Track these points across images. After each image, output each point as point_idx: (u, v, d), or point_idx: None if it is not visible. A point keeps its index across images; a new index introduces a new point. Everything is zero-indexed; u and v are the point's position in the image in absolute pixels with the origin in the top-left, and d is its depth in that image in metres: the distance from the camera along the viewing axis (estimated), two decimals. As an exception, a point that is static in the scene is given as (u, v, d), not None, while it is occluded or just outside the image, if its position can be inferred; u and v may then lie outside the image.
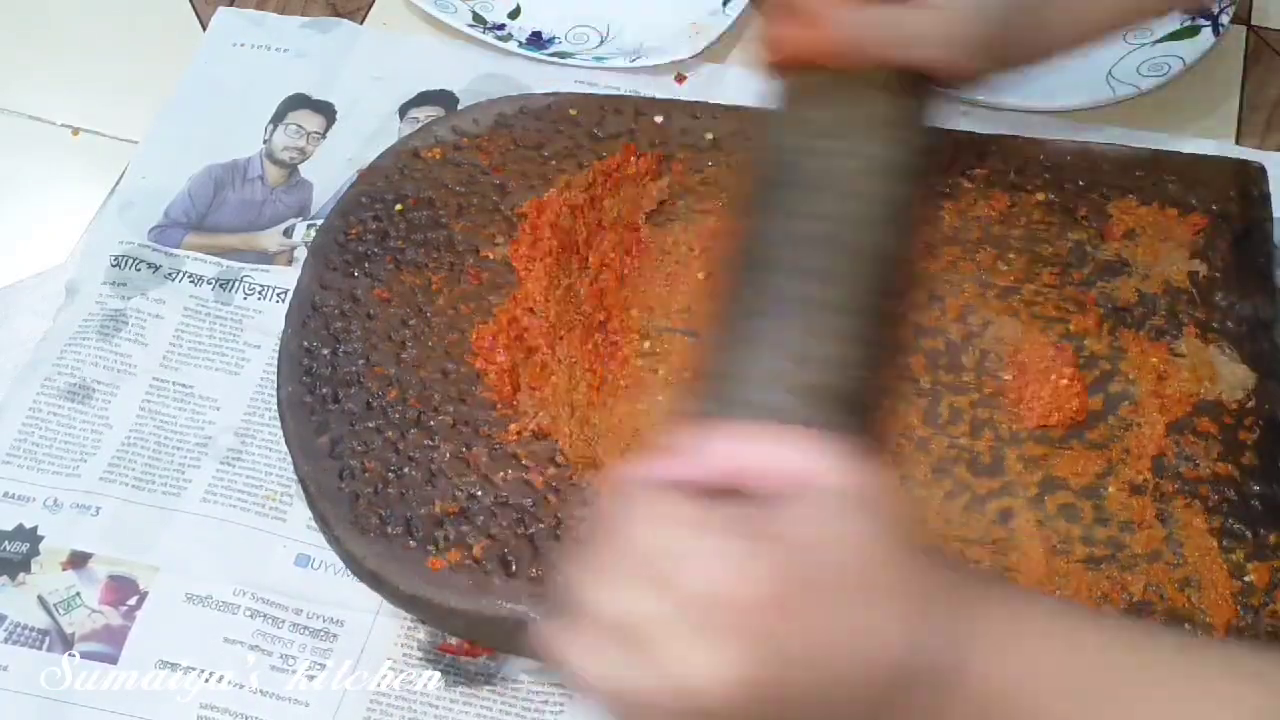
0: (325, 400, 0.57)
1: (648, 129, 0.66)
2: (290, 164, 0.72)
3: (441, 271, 0.61)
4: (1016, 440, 0.55)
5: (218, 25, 0.78)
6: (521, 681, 0.55)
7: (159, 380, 0.63)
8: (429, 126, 0.67)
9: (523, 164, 0.65)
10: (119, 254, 0.68)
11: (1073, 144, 0.65)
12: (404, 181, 0.64)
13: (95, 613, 0.57)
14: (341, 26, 0.78)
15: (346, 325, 0.59)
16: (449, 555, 0.52)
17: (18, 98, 0.76)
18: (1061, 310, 0.59)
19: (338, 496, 0.54)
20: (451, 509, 0.53)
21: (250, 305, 0.66)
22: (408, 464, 0.55)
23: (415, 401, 0.57)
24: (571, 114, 0.67)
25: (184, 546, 0.58)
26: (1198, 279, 0.59)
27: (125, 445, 0.61)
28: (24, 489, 0.60)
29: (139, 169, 0.72)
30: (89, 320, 0.65)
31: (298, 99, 0.74)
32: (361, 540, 0.53)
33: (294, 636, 0.56)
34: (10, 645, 0.56)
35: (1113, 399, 0.56)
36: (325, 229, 0.63)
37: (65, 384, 0.63)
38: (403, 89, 0.75)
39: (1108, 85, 0.71)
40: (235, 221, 0.70)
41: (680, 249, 0.62)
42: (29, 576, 0.58)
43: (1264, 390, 0.56)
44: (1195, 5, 0.69)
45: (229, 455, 0.61)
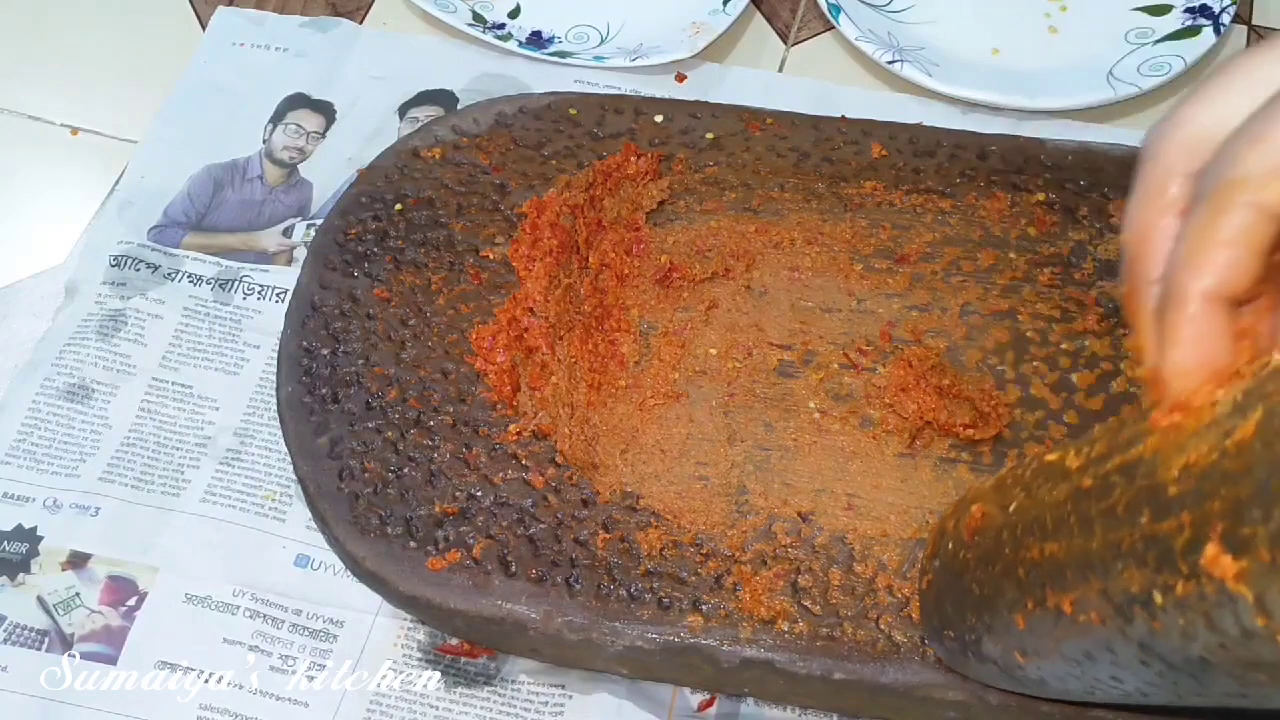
0: (324, 400, 0.57)
1: (648, 128, 0.66)
2: (290, 164, 0.72)
3: (441, 271, 0.61)
4: (1018, 441, 0.55)
5: (217, 25, 0.78)
6: (521, 682, 0.55)
7: (158, 380, 0.63)
8: (429, 126, 0.67)
9: (523, 164, 0.65)
10: (118, 254, 0.68)
11: (1073, 144, 0.65)
12: (404, 181, 0.64)
13: (95, 613, 0.57)
14: (341, 26, 0.78)
15: (346, 325, 0.59)
16: (449, 555, 0.52)
17: (17, 97, 0.76)
18: (1062, 310, 0.59)
19: (337, 497, 0.54)
20: (451, 509, 0.53)
21: (250, 305, 0.66)
22: (407, 464, 0.55)
23: (415, 401, 0.57)
24: (571, 113, 0.66)
25: (183, 547, 0.58)
26: (1199, 279, 0.59)
27: (124, 445, 0.61)
28: (23, 489, 0.60)
29: (138, 169, 0.72)
30: (88, 320, 0.65)
31: (297, 98, 0.74)
32: (361, 541, 0.53)
33: (293, 637, 0.56)
34: (10, 646, 0.56)
35: (1113, 399, 0.56)
36: (325, 229, 0.63)
37: (64, 384, 0.63)
38: (403, 88, 0.75)
39: (1109, 85, 0.71)
40: (234, 221, 0.70)
41: (680, 249, 0.62)
42: (28, 577, 0.58)
43: (1265, 390, 0.56)
44: None
45: (228, 455, 0.61)
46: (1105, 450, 0.35)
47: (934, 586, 0.46)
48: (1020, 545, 0.38)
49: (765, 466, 0.55)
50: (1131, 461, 0.32)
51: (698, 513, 0.54)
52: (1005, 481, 0.42)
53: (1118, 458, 0.33)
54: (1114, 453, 0.34)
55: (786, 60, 0.77)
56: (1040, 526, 0.37)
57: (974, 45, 0.75)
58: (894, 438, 0.56)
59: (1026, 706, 0.47)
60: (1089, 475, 0.35)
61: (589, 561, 0.52)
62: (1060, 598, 0.35)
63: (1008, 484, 0.41)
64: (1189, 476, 0.30)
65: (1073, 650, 0.36)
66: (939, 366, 0.57)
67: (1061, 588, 0.35)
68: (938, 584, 0.46)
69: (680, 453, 0.56)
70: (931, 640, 0.48)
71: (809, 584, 0.51)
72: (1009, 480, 0.42)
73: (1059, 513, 0.36)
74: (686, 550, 0.52)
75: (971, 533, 0.42)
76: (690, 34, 0.74)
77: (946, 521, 0.47)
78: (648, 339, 0.59)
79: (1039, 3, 0.78)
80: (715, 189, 0.64)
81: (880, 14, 0.77)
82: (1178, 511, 0.30)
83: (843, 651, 0.49)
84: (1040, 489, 0.38)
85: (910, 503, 0.54)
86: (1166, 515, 0.30)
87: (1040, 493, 0.38)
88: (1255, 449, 0.28)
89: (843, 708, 0.53)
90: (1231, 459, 0.28)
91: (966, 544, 0.43)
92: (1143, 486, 0.31)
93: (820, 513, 0.53)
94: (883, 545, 0.52)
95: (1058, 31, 0.76)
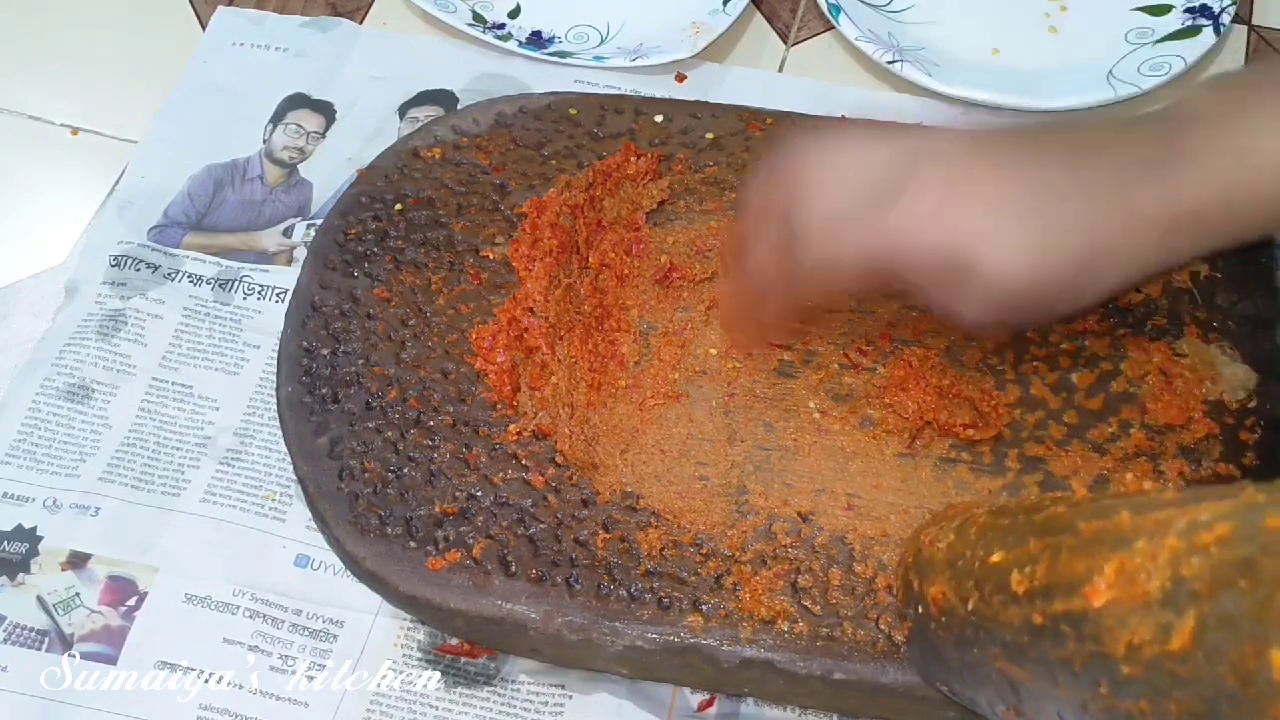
0: (324, 400, 0.57)
1: (648, 128, 0.66)
2: (290, 163, 0.72)
3: (441, 271, 0.61)
4: (1018, 441, 0.55)
5: (217, 25, 0.78)
6: (521, 682, 0.55)
7: (158, 380, 0.63)
8: (429, 126, 0.67)
9: (523, 164, 0.65)
10: (118, 254, 0.68)
11: (1073, 144, 0.65)
12: (404, 181, 0.64)
13: (94, 613, 0.57)
14: (341, 26, 0.78)
15: (346, 325, 0.59)
16: (449, 556, 0.52)
17: (17, 97, 0.76)
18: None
19: (337, 497, 0.54)
20: (451, 509, 0.53)
21: (250, 305, 0.66)
22: (407, 464, 0.55)
23: (415, 401, 0.57)
24: (571, 113, 0.66)
25: (183, 547, 0.58)
26: (1199, 279, 0.59)
27: (124, 445, 0.61)
28: (23, 489, 0.60)
29: (138, 169, 0.72)
30: (88, 320, 0.65)
31: (297, 98, 0.74)
32: (361, 541, 0.53)
33: (293, 637, 0.56)
34: (10, 646, 0.56)
35: (1113, 399, 0.56)
36: (325, 229, 0.63)
37: (64, 384, 0.63)
38: (403, 88, 0.75)
39: (1109, 85, 0.71)
40: (235, 221, 0.70)
41: (680, 249, 0.62)
42: (28, 577, 0.58)
43: (1265, 390, 0.56)
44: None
45: (228, 455, 0.61)
46: (1047, 581, 0.35)
47: (915, 640, 0.47)
48: (986, 649, 0.39)
49: (765, 466, 0.55)
50: (1076, 614, 0.33)
51: (698, 513, 0.54)
52: (956, 562, 0.42)
53: (1060, 602, 0.34)
54: (1055, 592, 0.34)
55: (786, 60, 0.77)
56: (1002, 644, 0.38)
57: (974, 45, 0.75)
58: (894, 438, 0.56)
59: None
60: (1037, 611, 0.35)
61: (589, 561, 0.52)
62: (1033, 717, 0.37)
63: (960, 567, 0.41)
64: (1137, 661, 0.30)
65: None
66: (939, 366, 0.57)
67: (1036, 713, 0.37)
68: (918, 640, 0.46)
69: (680, 453, 0.56)
70: (922, 679, 0.48)
71: (809, 584, 0.51)
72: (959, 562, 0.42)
73: (1017, 639, 0.37)
74: (686, 550, 0.52)
75: (938, 610, 0.43)
76: (690, 34, 0.74)
77: (910, 575, 0.46)
78: (648, 339, 0.59)
79: (1039, 3, 0.77)
80: (715, 189, 0.64)
81: (880, 14, 0.77)
82: (1136, 698, 0.31)
83: (843, 651, 0.49)
84: (993, 598, 0.38)
85: (910, 503, 0.54)
86: (1126, 695, 0.31)
87: (994, 603, 0.38)
88: (1198, 660, 0.29)
89: (843, 708, 0.53)
90: (1177, 663, 0.29)
91: (935, 618, 0.43)
92: (1094, 653, 0.32)
93: (820, 513, 0.53)
94: (883, 545, 0.52)
95: (1058, 31, 0.76)
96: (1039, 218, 0.45)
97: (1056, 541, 0.36)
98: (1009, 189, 0.45)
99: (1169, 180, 0.46)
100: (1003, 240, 0.45)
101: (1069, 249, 0.45)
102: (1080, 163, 0.46)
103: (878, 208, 0.46)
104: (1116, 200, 0.46)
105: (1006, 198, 0.45)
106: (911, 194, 0.45)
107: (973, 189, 0.45)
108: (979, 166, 0.46)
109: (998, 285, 0.45)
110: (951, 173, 0.46)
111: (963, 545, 0.42)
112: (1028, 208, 0.45)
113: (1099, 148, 0.47)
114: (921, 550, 0.46)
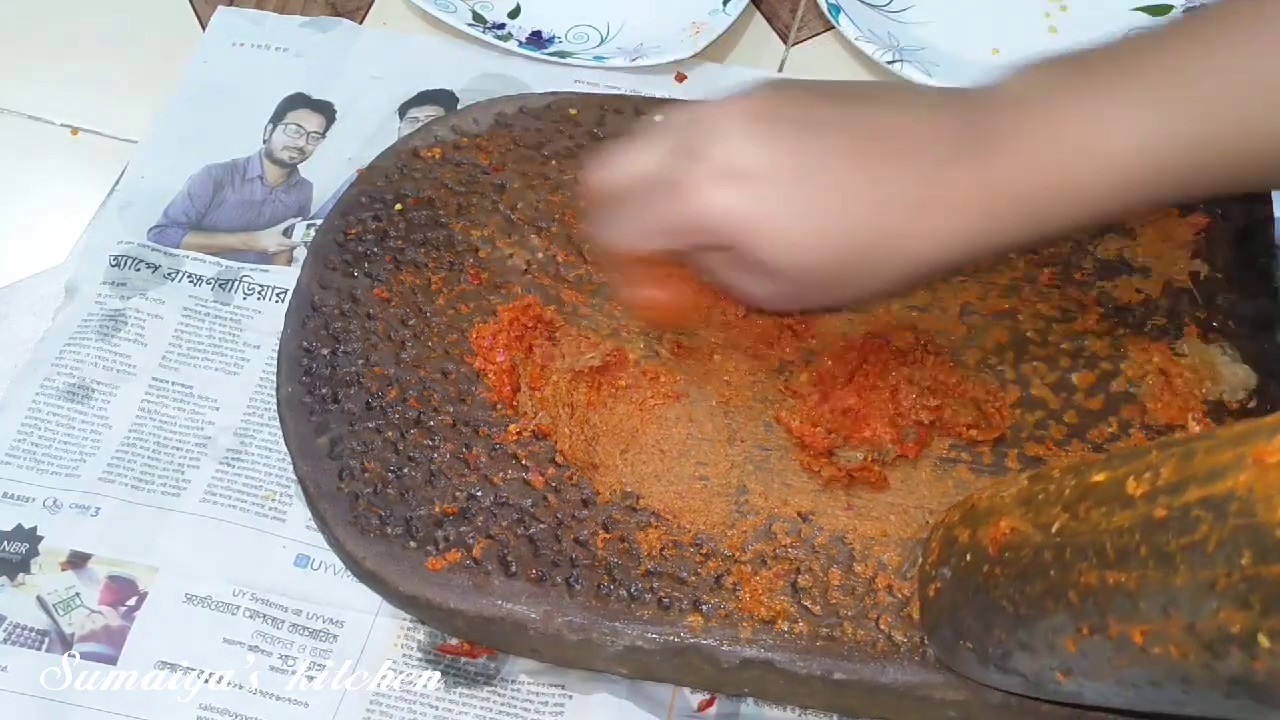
0: (324, 400, 0.57)
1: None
2: (290, 164, 0.72)
3: (441, 271, 0.61)
4: (1018, 441, 0.55)
5: (217, 25, 0.78)
6: (521, 682, 0.55)
7: (158, 380, 0.63)
8: (429, 126, 0.67)
9: (523, 164, 0.65)
10: (118, 254, 0.68)
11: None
12: (404, 181, 0.64)
13: (95, 613, 0.57)
14: (341, 26, 0.78)
15: (346, 325, 0.59)
16: (448, 556, 0.52)
17: (17, 98, 0.76)
18: (1062, 310, 0.59)
19: (337, 497, 0.54)
20: (451, 509, 0.53)
21: (250, 305, 0.66)
22: (407, 464, 0.55)
23: (415, 401, 0.57)
24: (571, 113, 0.66)
25: (183, 547, 0.58)
26: (1199, 279, 0.59)
27: (124, 445, 0.61)
28: (23, 489, 0.60)
29: (138, 169, 0.72)
30: (88, 320, 0.65)
31: (297, 98, 0.74)
32: (361, 541, 0.53)
33: (293, 637, 0.56)
34: (10, 646, 0.56)
35: (1113, 399, 0.56)
36: (325, 229, 0.63)
37: (64, 384, 0.63)
38: (403, 88, 0.75)
39: (1108, 85, 0.71)
40: (235, 221, 0.70)
41: (680, 249, 0.62)
42: (28, 577, 0.58)
43: (1265, 391, 0.56)
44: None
45: (228, 455, 0.61)
46: (1176, 478, 0.34)
47: (945, 596, 0.46)
48: (1070, 569, 0.38)
49: (765, 466, 0.55)
50: (1219, 497, 0.32)
51: (698, 513, 0.54)
52: (1035, 497, 0.41)
53: (1196, 490, 0.33)
54: (1189, 483, 0.33)
55: (786, 60, 0.77)
56: (1098, 553, 0.36)
57: (974, 45, 0.75)
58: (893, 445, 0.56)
59: (1026, 706, 0.47)
60: (1160, 505, 0.34)
61: (589, 561, 0.52)
62: (1128, 628, 0.35)
63: (1039, 500, 0.41)
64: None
65: (1137, 678, 0.35)
66: (945, 366, 0.57)
67: (1130, 619, 0.35)
68: (951, 595, 0.46)
69: (680, 453, 0.56)
70: (937, 647, 0.48)
71: (809, 584, 0.51)
72: (1039, 496, 0.41)
73: (1123, 541, 0.35)
74: (686, 550, 0.52)
75: (999, 548, 0.42)
76: (690, 34, 0.74)
77: (956, 531, 0.46)
78: (649, 338, 0.59)
79: (1039, 3, 0.77)
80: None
81: (880, 14, 0.77)
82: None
83: (843, 651, 0.49)
84: (1091, 513, 0.37)
85: (910, 503, 0.54)
86: (1277, 559, 0.30)
87: (1092, 517, 0.37)
88: None
89: (843, 708, 0.53)
90: None
91: (992, 558, 0.42)
92: (1240, 526, 0.31)
93: (820, 513, 0.53)
94: (883, 545, 0.52)
95: (1058, 31, 0.76)
96: (815, 195, 0.44)
97: (1186, 448, 0.34)
98: (786, 161, 0.44)
99: (978, 158, 0.44)
100: (775, 220, 0.44)
101: (848, 229, 0.44)
102: (876, 138, 0.45)
103: (669, 188, 0.45)
104: (915, 176, 0.44)
105: (782, 175, 0.44)
106: (693, 171, 0.45)
107: (747, 165, 0.44)
108: (761, 138, 0.45)
109: (772, 264, 0.45)
110: (729, 148, 0.45)
111: (1043, 483, 0.41)
112: (806, 186, 0.44)
113: (903, 125, 0.45)
114: (976, 505, 0.45)
